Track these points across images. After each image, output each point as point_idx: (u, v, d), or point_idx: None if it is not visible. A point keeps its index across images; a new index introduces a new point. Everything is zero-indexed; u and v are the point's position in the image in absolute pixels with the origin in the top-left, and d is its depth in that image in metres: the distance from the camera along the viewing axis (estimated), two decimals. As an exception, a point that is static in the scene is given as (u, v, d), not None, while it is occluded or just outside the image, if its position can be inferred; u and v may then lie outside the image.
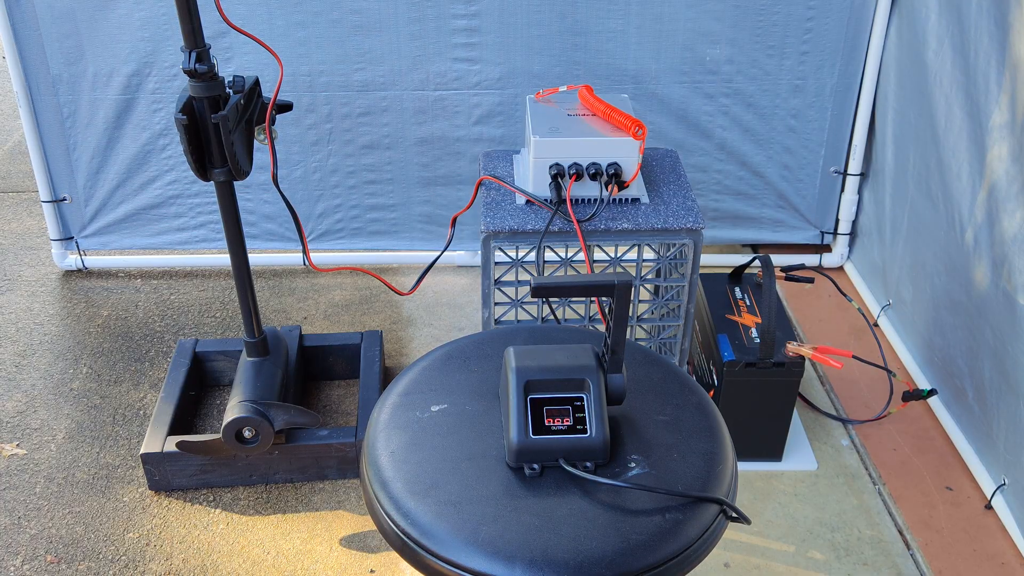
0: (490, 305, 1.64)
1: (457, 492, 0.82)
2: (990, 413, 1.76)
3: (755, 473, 1.85)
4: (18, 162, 3.08)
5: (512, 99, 2.27)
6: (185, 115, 1.47)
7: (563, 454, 0.83)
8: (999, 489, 1.74)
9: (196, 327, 2.30)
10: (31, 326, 2.30)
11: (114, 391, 2.08)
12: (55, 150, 2.32)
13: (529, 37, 2.19)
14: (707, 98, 2.28)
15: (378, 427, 0.91)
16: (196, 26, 1.44)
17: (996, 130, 1.67)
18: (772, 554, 1.69)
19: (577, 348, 0.88)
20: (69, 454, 1.91)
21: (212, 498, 1.81)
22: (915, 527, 1.74)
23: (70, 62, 2.20)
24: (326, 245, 2.47)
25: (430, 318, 2.35)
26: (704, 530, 0.81)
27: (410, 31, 2.18)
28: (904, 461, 1.89)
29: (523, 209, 1.61)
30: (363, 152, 2.35)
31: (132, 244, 2.47)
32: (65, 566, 1.66)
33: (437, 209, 2.44)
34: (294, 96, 2.22)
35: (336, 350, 2.10)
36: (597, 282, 0.83)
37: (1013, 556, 1.67)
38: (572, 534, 0.78)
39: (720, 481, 0.86)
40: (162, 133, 2.30)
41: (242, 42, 2.17)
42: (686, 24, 2.18)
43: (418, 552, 0.79)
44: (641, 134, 1.58)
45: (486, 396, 0.94)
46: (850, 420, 1.99)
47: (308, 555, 1.69)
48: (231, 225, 1.67)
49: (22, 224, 2.74)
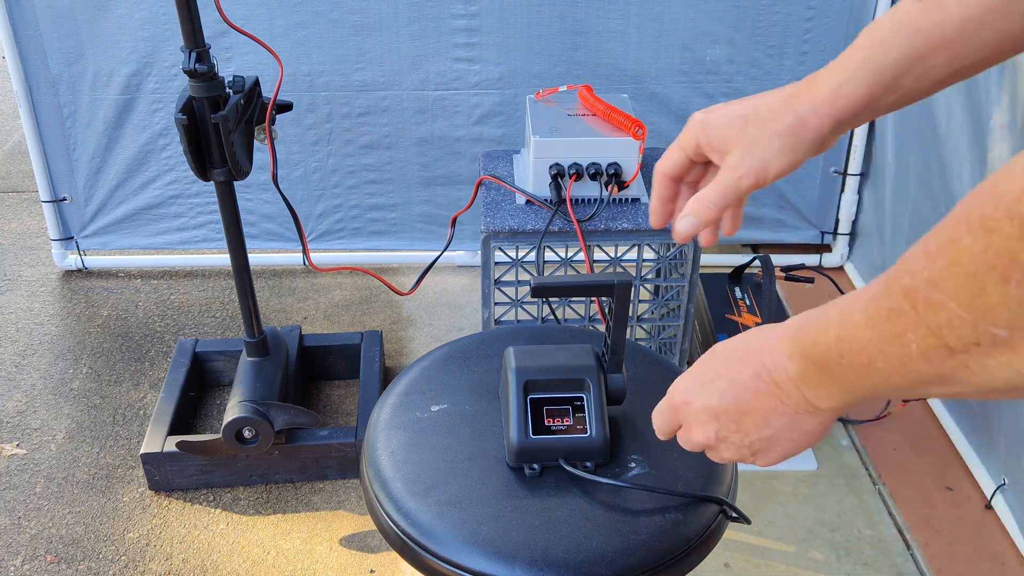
0: (490, 305, 1.63)
1: (457, 492, 0.82)
2: (990, 413, 1.76)
3: (755, 473, 1.85)
4: (18, 162, 3.08)
5: (512, 99, 2.27)
6: (185, 115, 1.47)
7: (563, 454, 0.83)
8: (999, 489, 1.74)
9: (196, 327, 2.30)
10: (31, 326, 2.30)
11: (114, 391, 2.08)
12: (55, 150, 2.32)
13: (529, 37, 2.19)
14: (707, 98, 2.28)
15: (378, 427, 0.91)
16: (196, 26, 1.44)
17: (997, 130, 1.67)
18: (772, 554, 1.68)
19: (577, 348, 0.88)
20: (69, 454, 1.91)
21: (212, 498, 1.81)
22: (915, 527, 1.74)
23: (70, 62, 2.20)
24: (326, 245, 2.47)
25: (430, 318, 2.35)
26: (704, 530, 0.81)
27: (410, 31, 2.18)
28: (904, 461, 1.89)
29: (523, 209, 1.61)
30: (363, 152, 2.35)
31: (132, 244, 2.47)
32: (65, 566, 1.66)
33: (437, 209, 2.44)
34: (294, 96, 2.22)
35: (336, 350, 2.10)
36: (597, 282, 0.82)
37: (1013, 556, 1.67)
38: (572, 534, 0.78)
39: (720, 481, 0.86)
40: (162, 133, 2.30)
41: (242, 42, 2.17)
42: (686, 24, 2.18)
43: (418, 552, 0.79)
44: (641, 134, 1.58)
45: (486, 396, 0.94)
46: (850, 420, 1.99)
47: (308, 555, 1.69)
48: (231, 225, 1.67)
49: (22, 224, 2.74)
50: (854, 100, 0.67)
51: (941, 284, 0.44)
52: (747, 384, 0.63)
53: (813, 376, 0.58)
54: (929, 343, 0.46)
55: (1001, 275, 0.41)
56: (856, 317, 0.52)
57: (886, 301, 0.49)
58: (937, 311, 0.45)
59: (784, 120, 0.68)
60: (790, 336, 0.59)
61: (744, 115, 0.70)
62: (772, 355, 0.61)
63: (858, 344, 0.52)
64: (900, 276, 0.48)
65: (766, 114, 0.69)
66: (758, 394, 0.62)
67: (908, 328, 0.47)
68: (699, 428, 0.67)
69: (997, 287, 0.41)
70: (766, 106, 0.70)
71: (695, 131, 0.73)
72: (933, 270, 0.45)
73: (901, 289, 0.48)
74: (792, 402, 0.61)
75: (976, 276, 0.42)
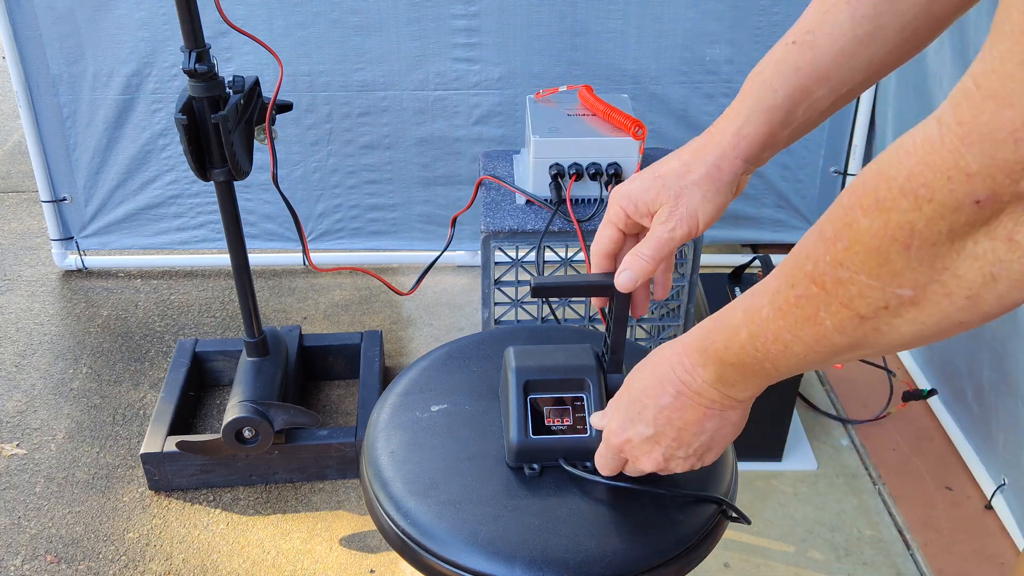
0: (490, 305, 1.64)
1: (457, 492, 0.82)
2: (990, 413, 1.76)
3: (755, 473, 1.85)
4: (18, 162, 3.08)
5: (512, 99, 2.27)
6: (185, 115, 1.47)
7: (563, 454, 0.83)
8: (999, 489, 1.74)
9: (196, 327, 2.30)
10: (31, 326, 2.30)
11: (114, 391, 2.08)
12: (55, 150, 2.32)
13: (529, 37, 2.19)
14: (707, 98, 2.28)
15: (378, 427, 0.91)
16: (196, 26, 1.44)
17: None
18: (772, 554, 1.69)
19: (577, 348, 0.88)
20: (69, 454, 1.91)
21: (212, 498, 1.81)
22: (915, 527, 1.74)
23: (70, 62, 2.20)
24: (326, 245, 2.47)
25: (430, 318, 2.35)
26: (704, 530, 0.81)
27: (410, 31, 2.18)
28: (904, 461, 1.89)
29: (523, 209, 1.61)
30: (363, 152, 2.35)
31: (132, 244, 2.47)
32: (65, 566, 1.66)
33: (437, 209, 2.44)
34: (294, 96, 2.22)
35: (336, 350, 2.10)
36: (597, 282, 0.82)
37: (1013, 556, 1.67)
38: (572, 534, 0.78)
39: (720, 481, 0.86)
40: (162, 133, 2.30)
41: (242, 42, 2.17)
42: (686, 24, 2.18)
43: (418, 552, 0.79)
44: (641, 134, 1.58)
45: (486, 396, 0.94)
46: (850, 420, 1.99)
47: (308, 555, 1.69)
48: (231, 225, 1.67)
49: (22, 224, 2.74)
50: (755, 139, 0.74)
51: (847, 263, 0.51)
52: (673, 404, 0.70)
53: (731, 376, 0.65)
54: (842, 316, 0.53)
55: (903, 244, 0.48)
56: (764, 312, 0.59)
57: (792, 290, 0.56)
58: (848, 286, 0.52)
59: (698, 171, 0.75)
60: (696, 347, 0.67)
61: (661, 175, 0.76)
62: (685, 370, 0.68)
63: (772, 335, 0.59)
64: (802, 265, 0.55)
65: (681, 170, 0.75)
66: (685, 408, 0.69)
67: (820, 307, 0.54)
68: (645, 458, 0.74)
69: (900, 254, 0.48)
70: (679, 163, 0.76)
71: (620, 202, 0.78)
72: (836, 252, 0.52)
73: (806, 276, 0.55)
74: (717, 403, 0.69)
75: (880, 249, 0.49)
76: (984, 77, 0.42)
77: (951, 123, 0.44)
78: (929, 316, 0.50)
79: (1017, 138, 0.41)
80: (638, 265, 0.76)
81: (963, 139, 0.43)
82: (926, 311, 0.50)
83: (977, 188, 0.44)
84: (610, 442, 0.76)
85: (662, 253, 0.76)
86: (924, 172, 0.46)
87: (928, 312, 0.50)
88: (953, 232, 0.46)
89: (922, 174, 0.46)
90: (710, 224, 0.76)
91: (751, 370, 0.63)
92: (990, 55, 0.42)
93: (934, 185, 0.45)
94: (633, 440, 0.73)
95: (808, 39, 0.72)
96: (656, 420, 0.71)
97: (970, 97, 0.43)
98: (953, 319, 0.50)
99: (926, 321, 0.50)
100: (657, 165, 0.78)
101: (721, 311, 0.64)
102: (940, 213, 0.46)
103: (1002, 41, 0.41)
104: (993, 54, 0.42)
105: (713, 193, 0.75)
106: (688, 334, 0.68)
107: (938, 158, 0.45)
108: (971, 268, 0.47)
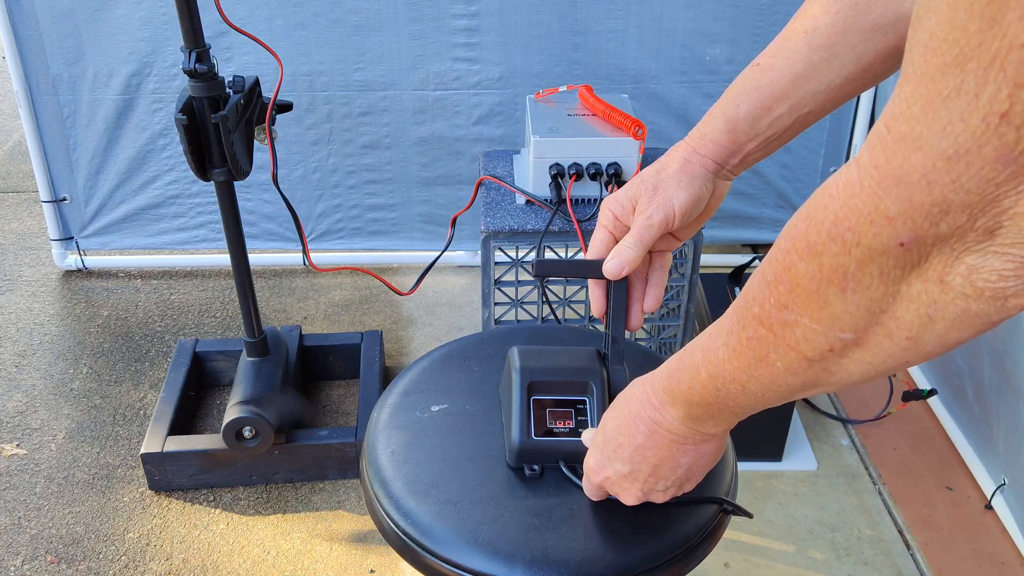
0: (490, 305, 1.64)
1: (457, 492, 0.82)
2: (990, 413, 1.76)
3: (755, 473, 1.85)
4: (18, 162, 3.08)
5: (512, 99, 2.27)
6: (185, 115, 1.47)
7: (564, 456, 0.83)
8: (999, 489, 1.74)
9: (196, 327, 2.30)
10: (31, 326, 2.30)
11: (114, 391, 2.08)
12: (55, 150, 2.32)
13: (529, 37, 2.19)
14: (707, 98, 2.28)
15: (378, 427, 0.91)
16: (196, 26, 1.44)
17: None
18: (772, 554, 1.69)
19: (582, 351, 0.88)
20: (69, 454, 1.91)
21: (212, 498, 1.81)
22: (915, 527, 1.74)
23: (70, 62, 2.20)
24: (326, 245, 2.47)
25: (430, 318, 2.35)
26: (704, 529, 0.81)
27: (410, 31, 2.18)
28: (904, 461, 1.89)
29: (523, 209, 1.61)
30: (363, 152, 2.35)
31: (132, 244, 2.47)
32: (65, 566, 1.66)
33: (437, 209, 2.44)
34: (294, 96, 2.22)
35: (336, 350, 2.10)
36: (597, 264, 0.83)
37: (1013, 556, 1.67)
38: (572, 534, 0.78)
39: (720, 481, 0.86)
40: (162, 133, 2.30)
41: (242, 42, 2.17)
42: (686, 24, 2.18)
43: (418, 552, 0.79)
44: (641, 134, 1.58)
45: (486, 396, 0.94)
46: (850, 420, 1.99)
47: (308, 555, 1.69)
48: (231, 225, 1.67)
49: (22, 224, 2.74)
50: (718, 145, 0.79)
51: (790, 306, 0.52)
52: (646, 442, 0.71)
53: (699, 413, 0.66)
54: (791, 358, 0.54)
55: (839, 287, 0.48)
56: (720, 353, 0.60)
57: (743, 332, 0.57)
58: (793, 328, 0.52)
59: (672, 167, 0.81)
60: (663, 387, 0.69)
61: (640, 178, 0.82)
62: (655, 409, 0.70)
63: (728, 376, 0.60)
64: (750, 307, 0.56)
65: (657, 167, 0.82)
66: (659, 446, 0.71)
67: (769, 350, 0.55)
68: (626, 493, 0.76)
69: (838, 296, 0.48)
70: (656, 164, 0.83)
71: (608, 207, 0.83)
72: (779, 295, 0.52)
73: (754, 318, 0.55)
74: (689, 439, 0.70)
75: (818, 292, 0.49)
76: (894, 120, 0.42)
77: (868, 167, 0.44)
78: (874, 356, 0.50)
79: (930, 180, 0.41)
80: (623, 251, 0.80)
81: (880, 183, 0.43)
82: (870, 352, 0.50)
83: (899, 231, 0.43)
84: (592, 480, 0.78)
85: (644, 239, 0.80)
86: (848, 216, 0.46)
87: (872, 352, 0.50)
88: (884, 275, 0.46)
89: (847, 218, 0.46)
90: (688, 212, 0.80)
91: (716, 408, 0.64)
92: (899, 98, 0.42)
93: (859, 229, 0.45)
94: (612, 478, 0.76)
95: (770, 62, 0.78)
96: (632, 458, 0.73)
97: (883, 141, 0.43)
98: (899, 359, 0.50)
99: (872, 361, 0.51)
100: (640, 172, 0.84)
101: (684, 349, 0.66)
102: (869, 256, 0.46)
103: (907, 83, 0.41)
104: (901, 96, 0.42)
105: (687, 184, 0.80)
106: (656, 372, 0.70)
107: (859, 202, 0.45)
108: (908, 310, 0.47)
